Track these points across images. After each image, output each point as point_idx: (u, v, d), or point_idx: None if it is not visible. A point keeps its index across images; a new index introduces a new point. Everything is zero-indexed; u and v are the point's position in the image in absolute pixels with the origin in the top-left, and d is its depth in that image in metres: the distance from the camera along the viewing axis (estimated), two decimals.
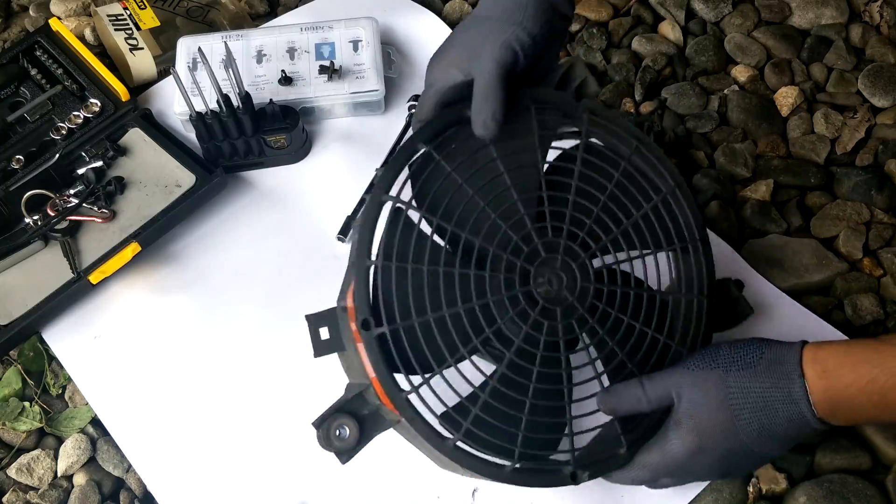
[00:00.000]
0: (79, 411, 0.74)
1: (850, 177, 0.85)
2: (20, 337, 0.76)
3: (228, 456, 0.71)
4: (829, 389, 0.56)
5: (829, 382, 0.56)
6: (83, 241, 0.79)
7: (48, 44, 0.89)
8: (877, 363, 0.55)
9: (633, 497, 0.68)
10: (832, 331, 0.74)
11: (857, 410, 0.56)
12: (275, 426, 0.72)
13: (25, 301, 0.75)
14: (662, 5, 0.99)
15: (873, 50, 0.95)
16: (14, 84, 0.88)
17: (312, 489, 0.69)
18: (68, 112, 0.85)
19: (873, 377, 0.54)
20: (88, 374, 0.75)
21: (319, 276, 0.79)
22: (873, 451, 0.69)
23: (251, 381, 0.74)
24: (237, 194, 0.85)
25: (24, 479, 0.72)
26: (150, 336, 0.77)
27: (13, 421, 0.74)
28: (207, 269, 0.80)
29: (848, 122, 0.89)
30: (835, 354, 0.56)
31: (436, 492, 0.68)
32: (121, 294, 0.79)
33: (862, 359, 0.55)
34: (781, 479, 0.68)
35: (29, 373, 0.77)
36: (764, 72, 0.94)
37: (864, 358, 0.55)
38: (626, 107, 0.91)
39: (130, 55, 0.91)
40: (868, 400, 0.55)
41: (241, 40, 0.90)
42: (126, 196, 0.82)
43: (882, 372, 0.54)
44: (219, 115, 0.81)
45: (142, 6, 0.94)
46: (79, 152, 0.84)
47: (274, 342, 0.76)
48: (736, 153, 0.87)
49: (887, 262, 0.80)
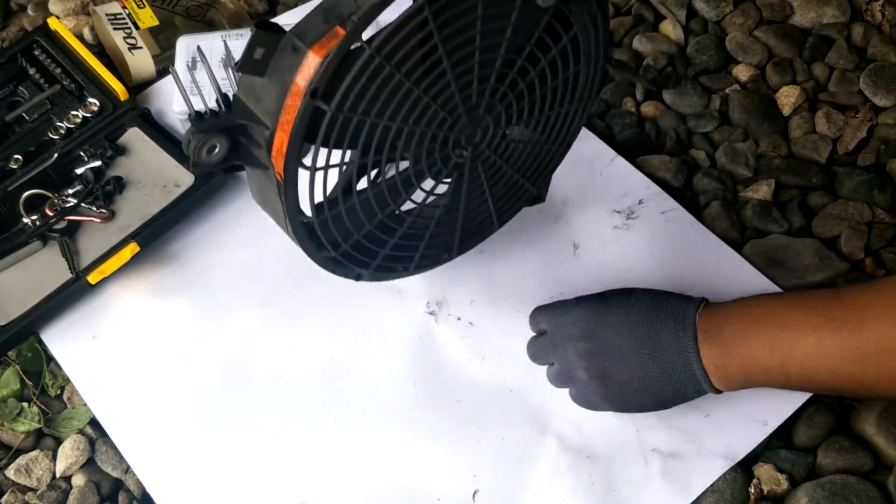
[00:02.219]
0: (77, 412, 0.74)
1: (852, 176, 0.85)
2: (18, 337, 0.75)
3: (228, 456, 0.70)
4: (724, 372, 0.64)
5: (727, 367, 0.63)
6: (82, 241, 0.79)
7: (46, 43, 0.89)
8: (781, 349, 0.60)
9: (633, 496, 0.67)
10: None
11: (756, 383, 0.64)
12: (275, 426, 0.72)
13: (24, 301, 0.75)
14: (663, 4, 0.99)
15: (875, 49, 0.95)
16: (12, 83, 0.88)
17: (312, 489, 0.69)
18: (67, 111, 0.85)
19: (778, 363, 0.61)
20: (87, 374, 0.75)
21: (319, 276, 0.79)
22: (875, 452, 0.69)
23: (250, 381, 0.74)
24: (236, 194, 0.84)
25: (22, 479, 0.71)
26: (148, 336, 0.76)
27: (11, 422, 0.74)
28: (206, 269, 0.80)
29: (850, 121, 0.89)
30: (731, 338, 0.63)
31: (436, 493, 0.68)
32: (120, 294, 0.79)
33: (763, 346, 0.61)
34: (783, 479, 0.68)
35: (27, 373, 0.76)
36: (765, 71, 0.94)
37: (765, 344, 0.61)
38: (626, 106, 0.91)
39: (129, 54, 0.90)
40: (769, 378, 0.62)
41: (241, 39, 0.90)
42: (125, 196, 0.82)
43: (787, 358, 0.60)
44: (218, 115, 0.81)
45: (140, 5, 0.93)
46: (77, 152, 0.83)
47: (273, 342, 0.76)
48: (737, 153, 0.87)
49: (889, 262, 0.79)
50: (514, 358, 0.74)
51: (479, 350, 0.75)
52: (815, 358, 0.59)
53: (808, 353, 0.59)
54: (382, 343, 0.75)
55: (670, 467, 0.68)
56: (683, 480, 0.68)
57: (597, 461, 0.69)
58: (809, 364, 0.59)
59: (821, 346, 0.58)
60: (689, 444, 0.69)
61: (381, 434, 0.71)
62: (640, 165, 0.85)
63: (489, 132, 0.62)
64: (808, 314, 0.60)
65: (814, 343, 0.58)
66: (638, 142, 0.88)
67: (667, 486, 0.68)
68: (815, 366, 0.59)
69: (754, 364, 0.62)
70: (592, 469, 0.69)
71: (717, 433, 0.69)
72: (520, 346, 0.74)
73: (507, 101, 0.61)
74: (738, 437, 0.69)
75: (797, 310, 0.61)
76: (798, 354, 0.59)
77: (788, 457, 0.69)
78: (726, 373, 0.63)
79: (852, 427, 0.71)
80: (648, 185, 0.84)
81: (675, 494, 0.67)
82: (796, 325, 0.60)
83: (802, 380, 0.61)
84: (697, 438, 0.69)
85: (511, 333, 0.75)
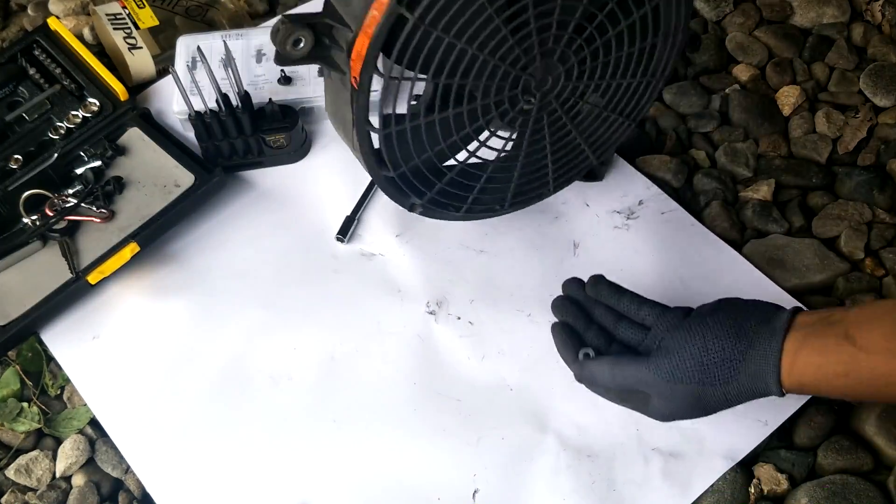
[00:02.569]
0: (77, 412, 0.74)
1: (852, 176, 0.85)
2: (19, 337, 0.75)
3: (228, 456, 0.70)
4: (799, 384, 0.58)
5: (802, 379, 0.58)
6: (82, 241, 0.79)
7: (47, 43, 0.89)
8: (850, 367, 0.56)
9: (633, 496, 0.67)
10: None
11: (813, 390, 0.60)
12: (274, 426, 0.72)
13: (24, 301, 0.75)
14: None
15: (875, 49, 0.95)
16: (12, 83, 0.88)
17: (312, 489, 0.69)
18: (67, 111, 0.85)
19: (845, 381, 0.57)
20: (87, 374, 0.75)
21: (319, 276, 0.80)
22: (875, 452, 0.69)
23: (250, 381, 0.74)
24: (236, 194, 0.84)
25: (22, 479, 0.71)
26: (148, 336, 0.76)
27: (11, 422, 0.74)
28: (206, 269, 0.80)
29: (850, 121, 0.89)
30: (811, 360, 0.57)
31: (436, 492, 0.68)
32: (119, 294, 0.79)
33: (836, 366, 0.57)
34: (783, 479, 0.68)
35: (27, 373, 0.76)
36: (765, 71, 0.94)
37: (838, 361, 0.57)
38: None
39: (129, 54, 0.90)
40: (830, 386, 0.58)
41: (241, 39, 0.90)
42: (125, 196, 0.82)
43: (853, 377, 0.56)
44: (218, 115, 0.81)
45: (140, 5, 0.93)
46: (77, 152, 0.83)
47: (273, 342, 0.76)
48: (737, 153, 0.87)
49: (889, 262, 0.79)
50: (514, 357, 0.74)
51: (479, 349, 0.75)
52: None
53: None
54: (382, 343, 0.75)
55: (670, 467, 0.68)
56: (684, 480, 0.68)
57: (597, 461, 0.69)
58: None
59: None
60: (689, 443, 0.69)
61: (380, 433, 0.71)
62: (639, 165, 0.85)
63: (559, 84, 0.63)
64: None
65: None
66: (638, 142, 0.88)
67: (667, 486, 0.68)
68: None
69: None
70: (592, 469, 0.69)
71: (718, 433, 0.69)
72: (520, 345, 0.74)
73: (582, 56, 0.62)
74: (739, 437, 0.69)
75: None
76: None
77: (788, 457, 0.69)
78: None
79: (852, 427, 0.71)
80: (648, 185, 0.84)
81: (676, 494, 0.67)
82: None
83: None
84: (698, 438, 0.69)
85: (511, 333, 0.75)
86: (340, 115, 0.62)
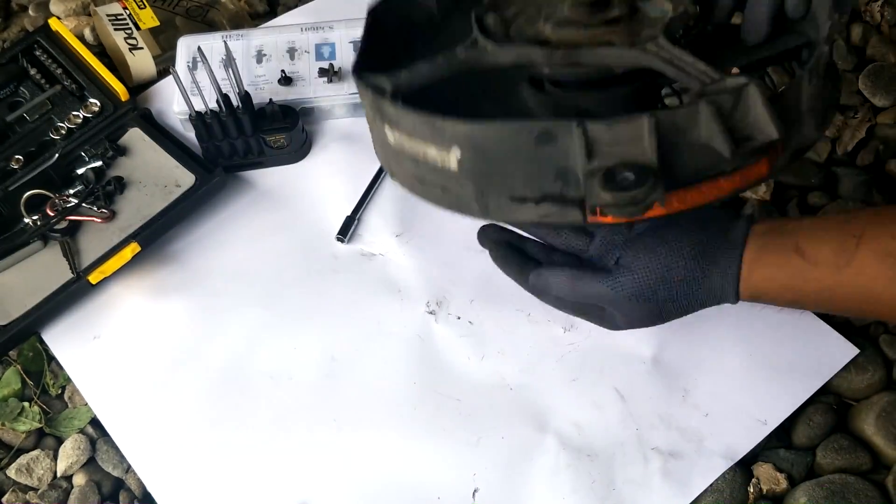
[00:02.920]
0: (78, 412, 0.74)
1: (851, 177, 0.85)
2: (19, 337, 0.75)
3: (228, 455, 0.71)
4: (753, 295, 0.61)
5: (756, 291, 0.60)
6: (82, 241, 0.79)
7: (47, 43, 0.89)
8: (799, 280, 0.58)
9: (633, 495, 0.68)
10: (827, 328, 0.74)
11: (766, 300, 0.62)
12: (274, 426, 0.72)
13: (24, 301, 0.75)
14: None
15: (874, 49, 0.95)
16: (13, 84, 0.88)
17: (312, 489, 0.69)
18: (68, 112, 0.85)
19: (794, 294, 0.59)
20: (88, 374, 0.75)
21: (319, 276, 0.80)
22: (874, 452, 0.69)
23: (250, 381, 0.74)
24: (237, 194, 0.84)
25: (23, 479, 0.71)
26: (149, 336, 0.77)
27: (12, 421, 0.74)
28: (207, 269, 0.80)
29: (849, 122, 0.89)
30: (765, 273, 0.60)
31: (436, 492, 0.68)
32: (120, 294, 0.79)
33: (787, 280, 0.59)
34: (782, 479, 0.68)
35: (28, 373, 0.76)
36: None
37: (793, 273, 0.58)
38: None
39: (130, 55, 0.90)
40: (781, 297, 0.60)
41: (241, 40, 0.90)
42: (125, 196, 0.82)
43: (802, 290, 0.59)
44: (218, 115, 0.81)
45: (141, 6, 0.94)
46: (78, 152, 0.83)
47: (273, 342, 0.76)
48: None
49: None
50: (514, 357, 0.74)
51: (479, 349, 0.75)
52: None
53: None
54: (382, 343, 0.75)
55: (670, 466, 0.68)
56: (683, 480, 0.68)
57: (597, 460, 0.69)
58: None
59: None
60: (688, 443, 0.69)
61: (380, 433, 0.71)
62: None
63: None
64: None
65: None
66: None
67: (667, 486, 0.68)
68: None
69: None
70: (592, 468, 0.69)
71: (717, 432, 0.69)
72: (520, 344, 0.74)
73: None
74: (738, 437, 0.69)
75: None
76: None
77: (787, 456, 0.69)
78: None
79: (851, 427, 0.71)
80: None
81: (675, 494, 0.67)
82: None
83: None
84: (697, 438, 0.69)
85: (511, 333, 0.75)
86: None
